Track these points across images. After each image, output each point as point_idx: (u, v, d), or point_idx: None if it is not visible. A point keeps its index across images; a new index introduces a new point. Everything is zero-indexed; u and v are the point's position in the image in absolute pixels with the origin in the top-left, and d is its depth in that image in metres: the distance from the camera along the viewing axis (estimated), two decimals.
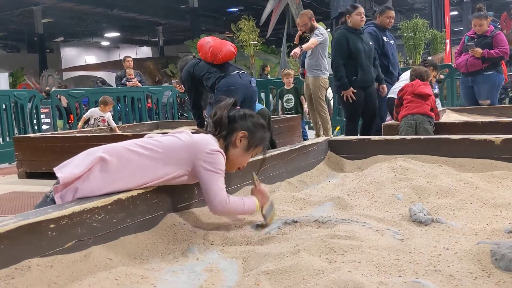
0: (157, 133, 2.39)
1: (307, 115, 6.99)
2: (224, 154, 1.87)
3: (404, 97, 4.04)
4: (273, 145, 5.16)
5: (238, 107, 2.02)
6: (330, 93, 7.74)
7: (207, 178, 1.80)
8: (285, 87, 7.13)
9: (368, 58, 5.00)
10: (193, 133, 1.93)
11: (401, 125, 3.96)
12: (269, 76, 15.20)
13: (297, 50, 5.75)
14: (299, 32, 6.50)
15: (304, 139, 6.47)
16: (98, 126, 6.66)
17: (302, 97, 6.98)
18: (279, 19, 18.96)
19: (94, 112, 6.75)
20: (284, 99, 7.09)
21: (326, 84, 6.25)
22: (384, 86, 5.25)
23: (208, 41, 4.39)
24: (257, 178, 2.01)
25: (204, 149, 1.81)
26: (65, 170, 1.69)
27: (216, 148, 1.84)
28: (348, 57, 4.93)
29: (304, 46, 5.92)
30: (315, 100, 6.16)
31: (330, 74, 5.90)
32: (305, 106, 6.81)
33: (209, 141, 1.86)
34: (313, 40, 5.99)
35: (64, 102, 8.91)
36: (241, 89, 4.26)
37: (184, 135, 1.90)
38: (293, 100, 6.99)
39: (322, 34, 6.03)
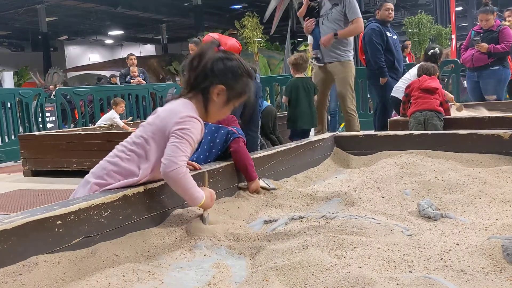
0: None
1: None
2: (199, 119, 1.74)
3: (412, 94, 4.03)
4: (273, 144, 5.15)
5: (222, 47, 1.83)
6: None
7: (175, 141, 1.66)
8: None
9: None
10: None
11: (410, 122, 3.95)
12: None
13: (327, 39, 4.71)
14: (306, 1, 5.05)
15: None
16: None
17: None
18: (283, 16, 18.87)
19: (112, 115, 7.02)
20: None
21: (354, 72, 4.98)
22: None
23: (215, 38, 4.36)
24: (207, 180, 1.90)
25: (174, 119, 1.69)
26: None
27: (187, 114, 1.70)
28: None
29: (343, 32, 4.72)
30: (344, 95, 4.83)
31: None
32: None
33: (179, 110, 1.73)
34: (357, 22, 4.73)
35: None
36: None
37: (155, 115, 1.80)
38: None
39: (356, 5, 4.83)
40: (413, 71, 4.92)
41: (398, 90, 4.95)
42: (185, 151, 1.67)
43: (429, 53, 4.81)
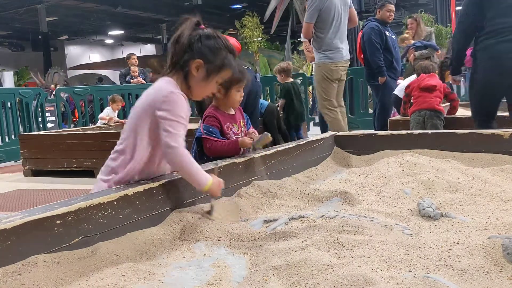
0: None
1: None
2: (183, 94, 1.74)
3: (412, 93, 4.03)
4: (286, 139, 5.24)
5: (203, 26, 1.83)
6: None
7: (165, 125, 1.68)
8: None
9: None
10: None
11: (410, 121, 3.95)
12: None
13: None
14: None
15: None
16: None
17: None
18: (283, 16, 18.89)
19: (106, 111, 7.23)
20: None
21: (332, 74, 4.69)
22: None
23: None
24: (218, 172, 1.92)
25: (158, 99, 1.71)
26: None
27: (170, 90, 1.71)
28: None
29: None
30: (316, 96, 5.00)
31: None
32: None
33: (161, 88, 1.74)
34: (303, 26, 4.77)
35: None
36: (246, 84, 4.24)
37: (139, 102, 1.83)
38: None
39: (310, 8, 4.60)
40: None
41: (401, 88, 4.94)
42: (178, 131, 1.69)
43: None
